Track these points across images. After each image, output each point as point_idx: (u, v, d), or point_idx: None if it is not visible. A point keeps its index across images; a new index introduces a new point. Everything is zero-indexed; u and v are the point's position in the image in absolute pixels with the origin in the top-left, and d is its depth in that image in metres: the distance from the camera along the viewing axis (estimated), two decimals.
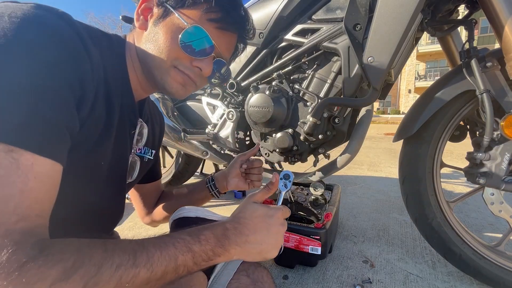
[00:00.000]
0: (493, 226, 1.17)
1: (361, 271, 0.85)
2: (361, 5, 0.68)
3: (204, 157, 1.05)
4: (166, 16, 0.46)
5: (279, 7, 0.82)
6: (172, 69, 0.48)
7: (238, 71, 0.95)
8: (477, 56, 0.68)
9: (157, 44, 0.46)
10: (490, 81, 0.68)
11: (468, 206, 1.39)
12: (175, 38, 0.45)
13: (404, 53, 0.74)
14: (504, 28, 0.62)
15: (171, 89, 0.49)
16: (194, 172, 1.71)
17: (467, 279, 0.81)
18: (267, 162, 0.98)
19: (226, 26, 0.48)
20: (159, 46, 0.46)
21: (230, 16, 0.48)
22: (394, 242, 1.03)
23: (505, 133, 0.64)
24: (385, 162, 2.53)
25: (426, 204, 0.79)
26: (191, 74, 0.49)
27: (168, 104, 1.11)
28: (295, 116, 0.83)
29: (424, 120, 0.76)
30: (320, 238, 0.78)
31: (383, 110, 23.39)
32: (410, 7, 0.62)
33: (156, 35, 0.46)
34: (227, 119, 0.92)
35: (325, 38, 0.76)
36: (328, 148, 0.88)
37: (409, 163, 0.81)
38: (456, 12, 0.83)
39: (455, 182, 1.88)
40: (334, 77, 0.79)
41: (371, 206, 1.41)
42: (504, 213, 0.73)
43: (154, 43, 0.47)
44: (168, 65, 0.47)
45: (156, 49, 0.47)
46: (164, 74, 0.48)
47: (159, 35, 0.46)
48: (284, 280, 0.81)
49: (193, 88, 0.52)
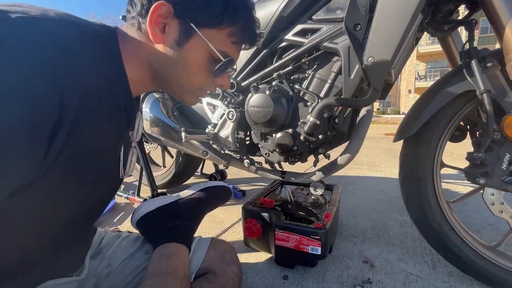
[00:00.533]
0: (493, 226, 1.17)
1: (361, 271, 0.85)
2: (361, 5, 0.68)
3: (204, 157, 1.05)
4: (190, 36, 0.44)
5: (279, 7, 0.81)
6: (197, 90, 0.51)
7: (238, 71, 0.95)
8: (477, 57, 0.68)
9: (185, 69, 0.46)
10: (491, 82, 0.68)
11: (468, 206, 1.39)
12: (208, 69, 0.47)
13: (404, 53, 0.74)
14: (505, 28, 0.62)
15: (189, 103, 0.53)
16: (194, 172, 1.71)
17: (467, 279, 0.82)
18: (267, 162, 0.98)
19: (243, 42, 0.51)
20: (188, 72, 0.47)
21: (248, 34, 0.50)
22: (394, 242, 1.03)
23: (505, 134, 0.64)
24: (385, 162, 2.53)
25: (426, 205, 0.79)
26: (213, 90, 0.53)
27: (168, 104, 1.11)
28: (295, 116, 0.83)
29: (424, 120, 0.76)
30: (320, 238, 0.78)
31: (383, 110, 23.38)
32: (411, 8, 0.62)
33: (184, 60, 0.46)
34: (227, 119, 0.92)
35: (326, 38, 0.76)
36: (328, 148, 0.88)
37: (409, 163, 0.81)
38: (456, 13, 0.83)
39: (455, 182, 1.88)
40: (334, 77, 0.79)
41: (371, 206, 1.41)
42: (504, 213, 0.73)
43: (181, 67, 0.46)
44: (195, 88, 0.50)
45: (184, 73, 0.47)
46: (188, 95, 0.50)
47: (188, 61, 0.46)
48: (284, 280, 0.81)
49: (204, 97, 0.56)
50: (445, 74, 0.80)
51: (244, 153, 0.98)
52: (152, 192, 1.16)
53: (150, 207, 0.72)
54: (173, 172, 1.56)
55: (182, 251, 0.61)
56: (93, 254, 0.63)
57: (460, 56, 0.73)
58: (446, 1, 0.73)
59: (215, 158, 1.03)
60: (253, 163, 0.98)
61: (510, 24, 0.61)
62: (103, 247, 0.65)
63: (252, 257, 0.93)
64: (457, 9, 0.81)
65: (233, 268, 0.64)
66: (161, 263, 0.57)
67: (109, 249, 0.64)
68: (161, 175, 1.64)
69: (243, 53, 0.93)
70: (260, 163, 1.02)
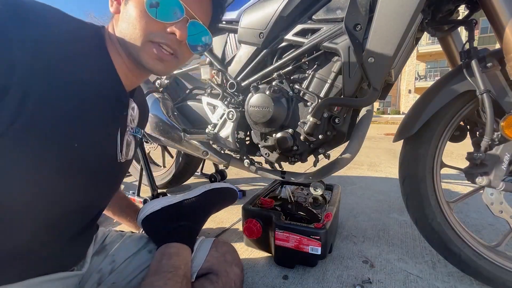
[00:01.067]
0: (493, 226, 1.17)
1: (361, 271, 0.85)
2: (362, 5, 0.68)
3: (204, 157, 1.05)
4: None
5: (279, 7, 0.81)
6: (146, 43, 0.48)
7: (238, 71, 0.95)
8: (477, 57, 0.68)
9: (129, 22, 0.47)
10: (491, 82, 0.68)
11: (468, 206, 1.39)
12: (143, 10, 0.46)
13: (404, 53, 0.74)
14: (505, 28, 0.62)
15: (148, 65, 0.50)
16: (194, 172, 1.71)
17: (467, 279, 0.82)
18: (267, 162, 0.98)
19: None
20: (131, 23, 0.47)
21: None
22: (394, 242, 1.03)
23: (505, 134, 0.64)
24: (385, 162, 2.53)
25: (426, 204, 0.79)
26: (167, 42, 0.49)
27: (168, 104, 1.11)
28: (295, 116, 0.83)
29: (424, 120, 0.76)
30: (320, 238, 0.78)
31: (383, 110, 23.38)
32: (411, 8, 0.62)
33: (127, 13, 0.47)
34: (227, 119, 0.92)
35: (326, 38, 0.76)
36: (328, 148, 0.88)
37: (409, 163, 0.81)
38: (456, 13, 0.83)
39: (455, 182, 1.88)
40: (334, 77, 0.79)
41: (371, 206, 1.41)
42: (504, 213, 0.73)
43: (126, 22, 0.47)
44: (143, 41, 0.48)
45: (130, 28, 0.47)
46: (141, 51, 0.48)
47: (129, 12, 0.47)
48: (284, 280, 0.81)
49: (174, 61, 0.52)
50: (445, 74, 0.80)
51: (244, 153, 0.98)
52: (152, 192, 1.16)
53: (156, 206, 0.74)
54: (173, 172, 1.56)
55: (184, 250, 0.62)
56: (97, 250, 0.64)
57: (460, 56, 0.73)
58: (446, 1, 0.73)
59: (215, 158, 1.03)
60: (253, 163, 0.98)
61: (510, 24, 0.61)
62: (107, 244, 0.66)
63: (252, 257, 0.93)
64: (457, 9, 0.81)
65: (235, 269, 0.65)
66: (163, 262, 0.58)
67: (112, 247, 0.66)
68: (161, 175, 1.64)
69: (243, 52, 0.94)
70: (260, 163, 1.02)
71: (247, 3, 0.91)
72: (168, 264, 0.57)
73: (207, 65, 1.01)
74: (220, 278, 0.61)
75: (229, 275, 0.63)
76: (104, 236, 0.68)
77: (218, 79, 1.00)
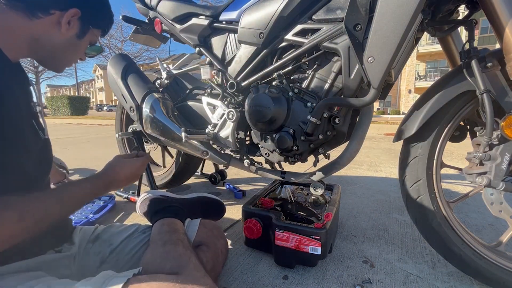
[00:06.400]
0: (493, 226, 1.17)
1: (361, 271, 0.85)
2: (361, 5, 0.68)
3: (204, 157, 1.05)
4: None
5: (279, 7, 0.81)
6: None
7: (238, 71, 0.95)
8: (477, 57, 0.68)
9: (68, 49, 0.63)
10: (491, 82, 0.68)
11: (468, 206, 1.39)
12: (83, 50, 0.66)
13: (404, 53, 0.74)
14: (505, 28, 0.62)
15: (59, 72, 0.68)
16: (194, 172, 1.71)
17: (467, 279, 0.82)
18: (267, 162, 0.98)
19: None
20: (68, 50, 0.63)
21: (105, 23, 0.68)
22: (394, 242, 1.03)
23: (505, 134, 0.64)
24: (385, 162, 2.53)
25: (426, 205, 0.79)
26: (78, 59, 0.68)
27: (168, 104, 1.11)
28: (295, 116, 0.83)
29: (424, 120, 0.76)
30: (320, 238, 0.78)
31: (383, 110, 23.38)
32: (411, 8, 0.62)
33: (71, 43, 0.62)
34: (227, 119, 0.92)
35: (326, 38, 0.76)
36: (328, 148, 0.88)
37: (409, 163, 0.81)
38: (456, 13, 0.83)
39: (455, 182, 1.88)
40: (334, 77, 0.79)
41: (371, 206, 1.41)
42: (504, 213, 0.73)
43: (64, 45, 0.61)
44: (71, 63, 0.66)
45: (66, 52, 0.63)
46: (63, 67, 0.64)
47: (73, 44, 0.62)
48: (284, 280, 0.81)
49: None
50: (445, 74, 0.80)
51: (244, 153, 0.98)
52: None
53: (154, 195, 0.90)
54: (173, 172, 1.56)
55: (178, 223, 0.76)
56: (91, 239, 0.71)
57: (460, 56, 0.73)
58: (446, 1, 0.73)
59: (215, 158, 1.03)
60: (253, 163, 0.98)
61: (510, 24, 0.61)
62: (99, 233, 0.74)
63: (252, 257, 0.93)
64: (457, 9, 0.81)
65: (221, 240, 0.81)
66: (162, 228, 0.71)
67: (106, 233, 0.74)
68: (161, 175, 1.64)
69: (243, 53, 0.94)
70: (260, 163, 1.02)
71: (247, 3, 0.91)
72: (167, 228, 0.70)
73: (207, 65, 1.01)
74: (210, 248, 0.74)
75: (217, 245, 0.77)
76: (93, 229, 0.75)
77: (218, 79, 1.00)
